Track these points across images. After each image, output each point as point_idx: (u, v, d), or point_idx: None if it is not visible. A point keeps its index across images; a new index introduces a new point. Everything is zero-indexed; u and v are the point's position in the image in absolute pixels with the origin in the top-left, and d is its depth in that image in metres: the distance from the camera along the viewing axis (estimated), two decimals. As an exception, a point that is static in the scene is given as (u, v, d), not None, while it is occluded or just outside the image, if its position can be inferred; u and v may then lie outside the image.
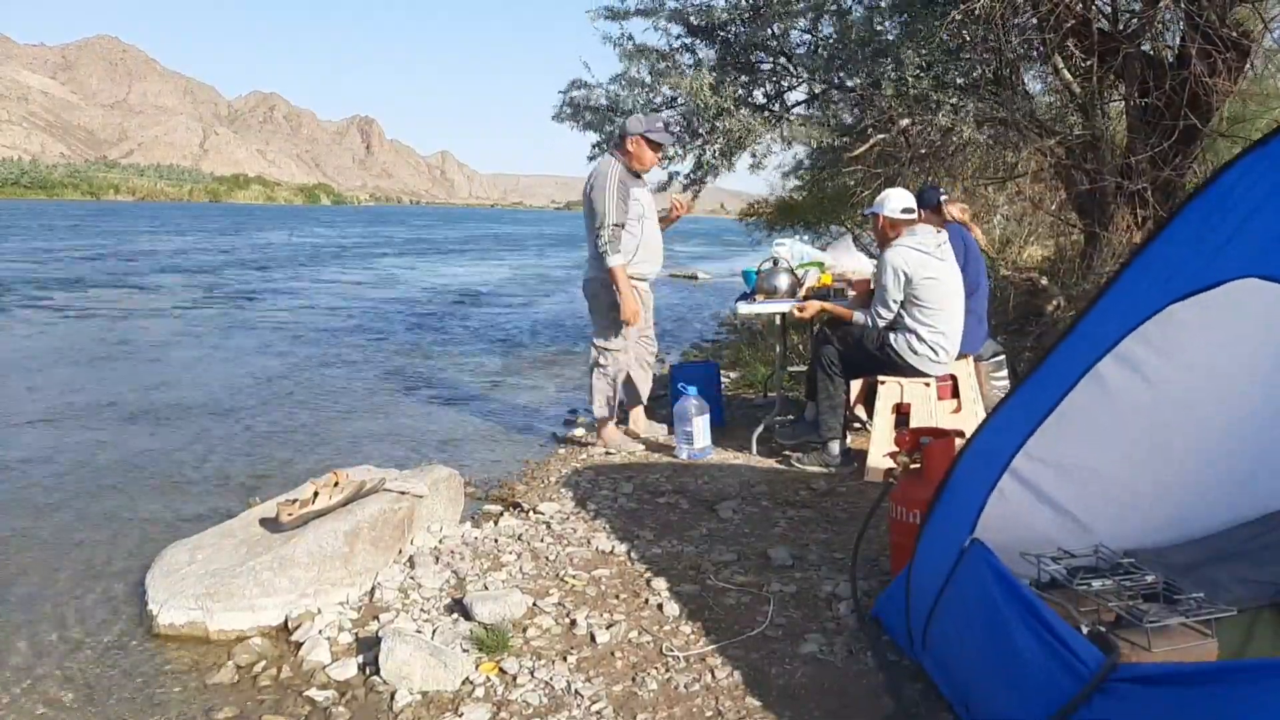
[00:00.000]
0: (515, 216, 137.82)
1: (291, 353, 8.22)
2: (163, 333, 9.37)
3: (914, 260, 3.99)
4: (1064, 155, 6.50)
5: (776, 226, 12.23)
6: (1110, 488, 2.32)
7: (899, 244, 4.05)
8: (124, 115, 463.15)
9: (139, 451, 4.83)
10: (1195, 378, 2.15)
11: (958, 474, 2.15)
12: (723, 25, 6.97)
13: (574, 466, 4.43)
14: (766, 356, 6.80)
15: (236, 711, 2.27)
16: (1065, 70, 6.13)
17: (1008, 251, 9.22)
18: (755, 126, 6.32)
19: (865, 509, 3.41)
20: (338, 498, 3.06)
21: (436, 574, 3.01)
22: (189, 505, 3.96)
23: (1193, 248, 1.71)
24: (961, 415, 4.21)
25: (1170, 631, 1.93)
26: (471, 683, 2.34)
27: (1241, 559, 2.38)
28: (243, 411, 5.82)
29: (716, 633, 2.60)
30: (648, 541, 3.35)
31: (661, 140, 4.54)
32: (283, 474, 4.42)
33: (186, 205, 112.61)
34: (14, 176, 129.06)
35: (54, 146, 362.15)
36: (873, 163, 7.09)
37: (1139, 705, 1.59)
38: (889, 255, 4.04)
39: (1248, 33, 5.64)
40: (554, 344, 9.27)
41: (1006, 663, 1.87)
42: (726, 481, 4.11)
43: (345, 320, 10.75)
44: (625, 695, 2.29)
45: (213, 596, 2.67)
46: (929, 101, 5.95)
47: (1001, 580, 1.94)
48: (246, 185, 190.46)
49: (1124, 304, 1.85)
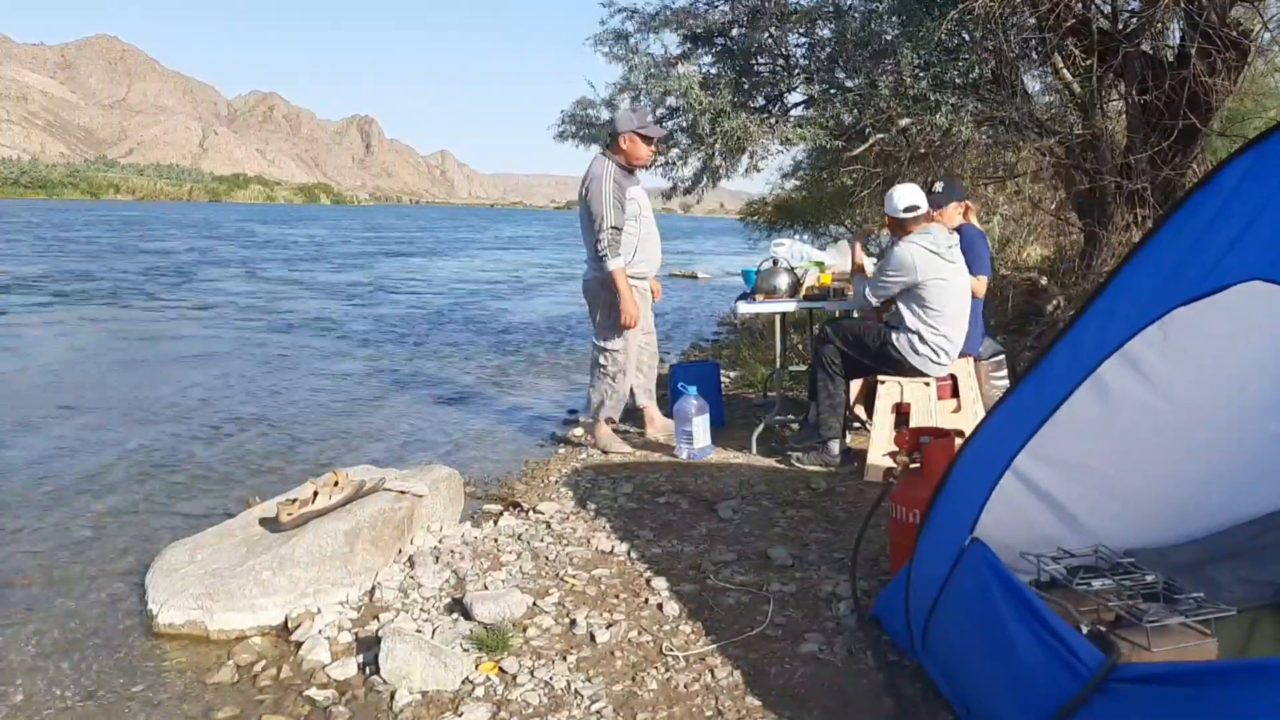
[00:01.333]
0: (515, 215, 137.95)
1: (291, 352, 8.22)
2: (162, 333, 9.37)
3: (924, 260, 3.97)
4: (1063, 155, 6.50)
5: (776, 226, 12.23)
6: (1110, 487, 2.32)
7: (913, 240, 4.02)
8: (123, 115, 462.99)
9: (139, 451, 4.82)
10: (1196, 377, 2.16)
11: (957, 473, 2.15)
12: (721, 30, 6.98)
13: (574, 466, 4.43)
14: (766, 356, 6.80)
15: (236, 711, 2.27)
16: (1065, 70, 6.13)
17: (1008, 251, 9.22)
18: (753, 129, 6.32)
19: (865, 509, 3.41)
20: (338, 497, 3.06)
21: (436, 574, 3.01)
22: (189, 505, 3.96)
23: (1196, 250, 1.71)
24: (961, 415, 4.21)
25: (1170, 631, 1.94)
26: (471, 682, 2.34)
27: (1241, 559, 2.38)
28: (242, 411, 5.82)
29: (716, 632, 2.60)
30: (648, 541, 3.35)
31: (653, 134, 4.52)
32: (283, 474, 4.42)
33: (186, 205, 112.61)
34: (13, 176, 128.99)
35: (53, 146, 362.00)
36: (872, 163, 7.09)
37: (1139, 705, 1.59)
38: (901, 250, 4.00)
39: (1247, 32, 5.64)
40: (554, 343, 9.27)
41: (1006, 662, 1.87)
42: (726, 481, 4.11)
43: (345, 320, 10.74)
44: (625, 695, 2.29)
45: (212, 596, 2.67)
46: (928, 101, 5.95)
47: (1001, 580, 1.94)
48: (246, 185, 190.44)
49: (1128, 306, 1.85)
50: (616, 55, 6.91)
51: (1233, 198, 1.66)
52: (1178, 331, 1.95)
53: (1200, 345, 2.05)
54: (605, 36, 7.04)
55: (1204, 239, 1.71)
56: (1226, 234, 1.66)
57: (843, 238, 10.90)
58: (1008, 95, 6.03)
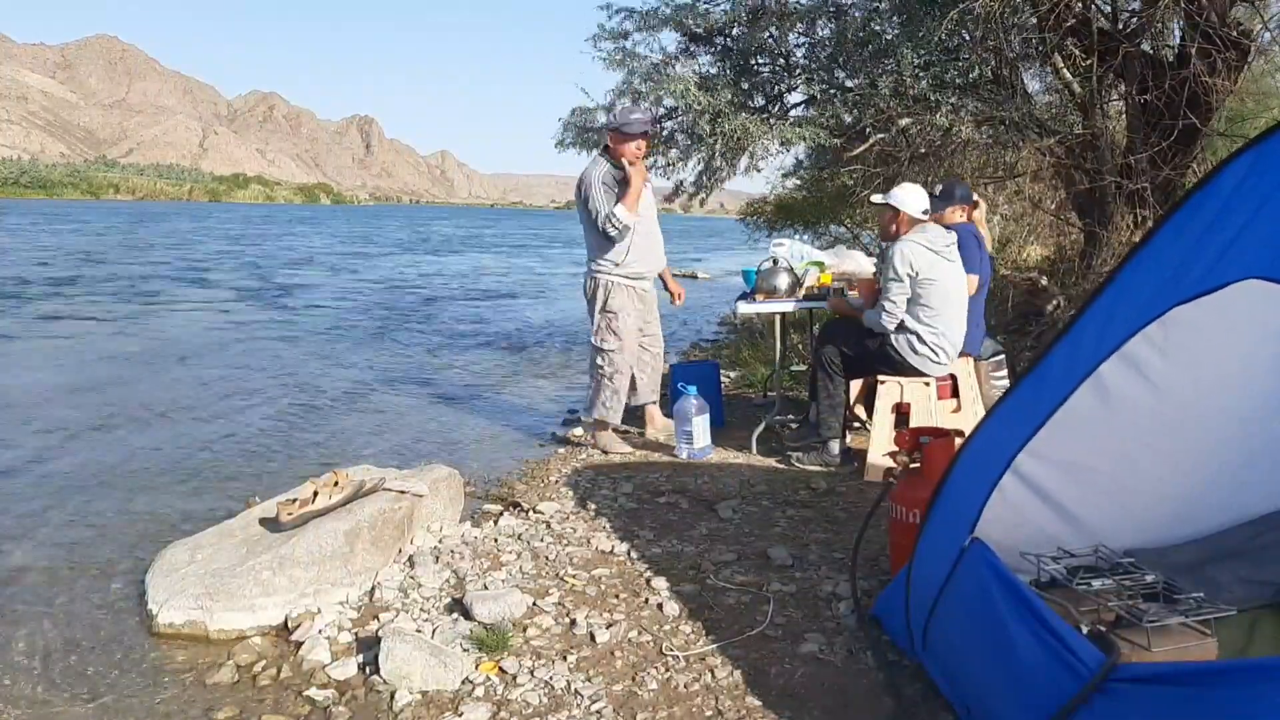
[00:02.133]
0: (515, 215, 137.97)
1: (291, 352, 8.22)
2: (161, 333, 9.37)
3: (922, 259, 3.97)
4: (1064, 155, 6.50)
5: (776, 226, 12.21)
6: (1110, 487, 2.32)
7: (909, 240, 4.01)
8: (123, 115, 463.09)
9: (138, 451, 4.82)
10: (1196, 377, 2.15)
11: (957, 473, 2.15)
12: (721, 30, 6.97)
13: (574, 466, 4.43)
14: (766, 356, 6.80)
15: (236, 711, 2.27)
16: (1065, 70, 6.13)
17: (1008, 251, 9.21)
18: (753, 129, 6.31)
19: (865, 509, 3.41)
20: (338, 497, 3.06)
21: (436, 573, 3.01)
22: (189, 505, 3.96)
23: (1196, 250, 1.72)
24: (961, 415, 4.21)
25: (1170, 631, 1.94)
26: (471, 682, 2.34)
27: (1241, 559, 2.38)
28: (242, 411, 5.82)
29: (716, 632, 2.60)
30: (648, 541, 3.35)
31: (629, 130, 4.50)
32: (283, 474, 4.42)
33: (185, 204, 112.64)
34: (14, 176, 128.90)
35: (53, 146, 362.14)
36: (872, 163, 7.09)
37: (1139, 705, 1.59)
38: (899, 250, 3.98)
39: (1248, 32, 5.63)
40: (554, 343, 9.27)
41: (1006, 662, 1.87)
42: (726, 481, 4.11)
43: (345, 320, 10.74)
44: (625, 695, 2.29)
45: (212, 596, 2.67)
46: (928, 101, 5.95)
47: (1001, 580, 1.94)
48: (246, 185, 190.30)
49: (1127, 305, 1.85)
50: (615, 59, 6.90)
51: (1233, 197, 1.66)
52: (1178, 331, 1.95)
53: (1200, 345, 2.05)
54: (603, 35, 7.03)
55: (1204, 238, 1.71)
56: (1227, 233, 1.67)
57: (842, 238, 10.90)
58: (1008, 95, 6.03)
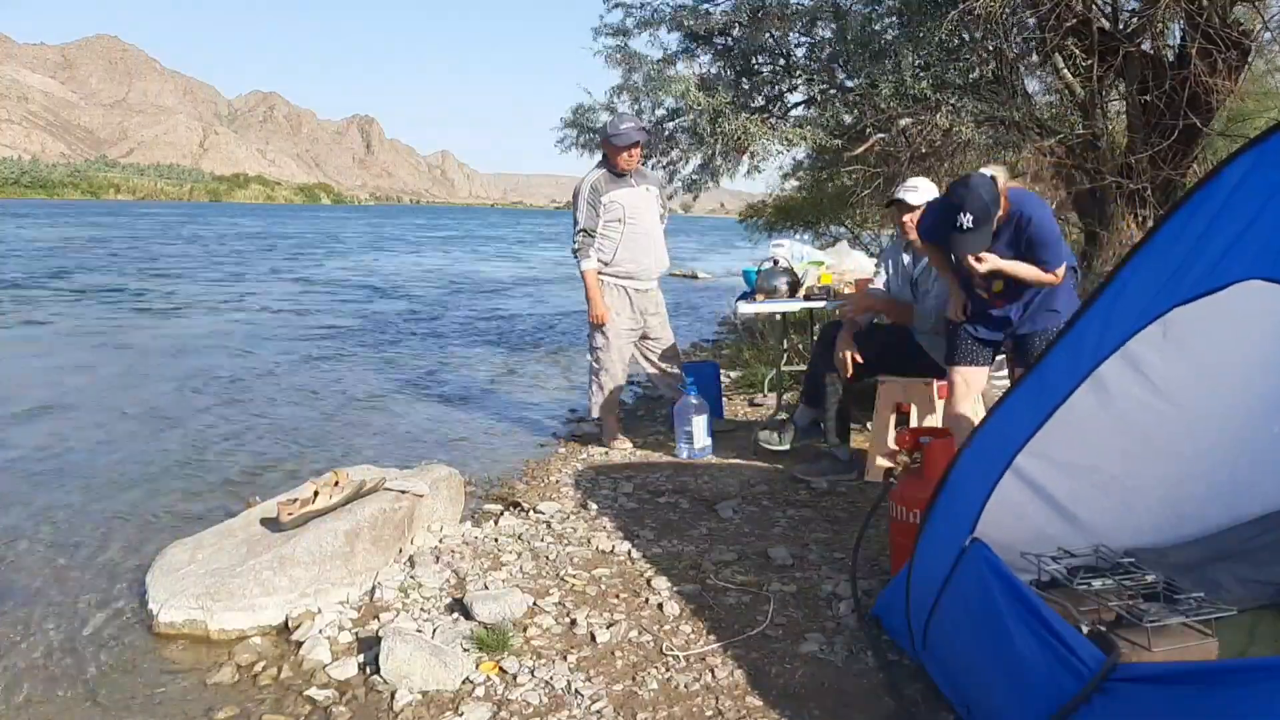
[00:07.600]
0: (516, 215, 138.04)
1: (292, 352, 8.22)
2: (161, 332, 9.37)
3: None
4: (1064, 155, 6.49)
5: (776, 226, 12.21)
6: (1110, 487, 2.32)
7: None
8: (124, 114, 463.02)
9: (139, 451, 4.82)
10: (1196, 377, 2.16)
11: (957, 473, 2.15)
12: (721, 30, 6.97)
13: (574, 466, 4.43)
14: (766, 356, 6.80)
15: (236, 711, 2.27)
16: (1065, 70, 6.13)
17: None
18: (753, 129, 6.31)
19: (865, 509, 3.41)
20: (338, 497, 3.06)
21: (436, 573, 3.01)
22: (189, 505, 3.96)
23: (1197, 250, 1.72)
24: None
25: (1170, 631, 1.94)
26: (471, 682, 2.34)
27: (1241, 559, 2.38)
28: (242, 411, 5.82)
29: (716, 632, 2.60)
30: (648, 541, 3.35)
31: (621, 141, 4.51)
32: (283, 474, 4.42)
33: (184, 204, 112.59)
34: (14, 176, 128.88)
35: (54, 146, 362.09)
36: (872, 163, 7.09)
37: (1139, 705, 1.59)
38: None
39: (1248, 32, 5.63)
40: (555, 343, 9.27)
41: (1007, 662, 1.87)
42: (726, 481, 4.11)
43: (345, 319, 10.74)
44: (625, 695, 2.29)
45: (213, 596, 2.67)
46: (928, 101, 5.95)
47: (1002, 579, 1.94)
48: (246, 185, 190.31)
49: (1127, 305, 1.85)
50: (615, 59, 6.90)
51: (1233, 197, 1.67)
52: (1178, 331, 1.95)
53: (1201, 344, 2.05)
54: (603, 30, 7.03)
55: (1204, 239, 1.71)
56: (1227, 233, 1.67)
57: (843, 238, 10.89)
58: (1008, 95, 6.03)
